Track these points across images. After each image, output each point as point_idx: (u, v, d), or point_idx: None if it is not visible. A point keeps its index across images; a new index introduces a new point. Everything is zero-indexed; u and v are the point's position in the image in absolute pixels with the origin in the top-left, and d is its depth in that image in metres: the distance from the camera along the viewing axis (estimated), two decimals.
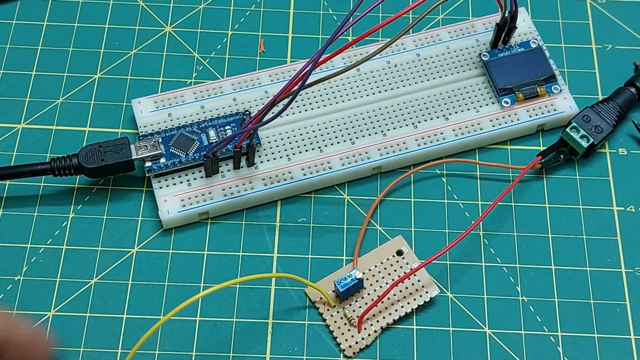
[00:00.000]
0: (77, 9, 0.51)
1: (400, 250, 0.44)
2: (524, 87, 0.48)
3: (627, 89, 0.48)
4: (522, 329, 0.43)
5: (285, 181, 0.45)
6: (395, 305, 0.43)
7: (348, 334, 0.42)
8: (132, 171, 0.45)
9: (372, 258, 0.44)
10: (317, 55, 0.37)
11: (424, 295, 0.43)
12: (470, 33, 0.50)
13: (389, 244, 0.44)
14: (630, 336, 0.43)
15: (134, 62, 0.50)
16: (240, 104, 0.47)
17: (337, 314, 0.42)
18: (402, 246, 0.44)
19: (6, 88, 0.49)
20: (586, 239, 0.45)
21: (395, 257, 0.44)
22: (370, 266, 0.44)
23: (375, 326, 0.42)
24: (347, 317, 0.42)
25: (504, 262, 0.45)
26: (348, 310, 0.42)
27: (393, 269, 0.44)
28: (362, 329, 0.42)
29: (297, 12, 0.52)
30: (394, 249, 0.44)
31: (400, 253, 0.44)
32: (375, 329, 0.42)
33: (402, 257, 0.44)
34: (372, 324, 0.42)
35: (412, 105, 0.48)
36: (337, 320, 0.42)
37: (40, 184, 0.46)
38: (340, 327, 0.42)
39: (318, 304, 0.43)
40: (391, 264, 0.44)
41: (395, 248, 0.44)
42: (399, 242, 0.44)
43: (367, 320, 0.42)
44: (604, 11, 0.52)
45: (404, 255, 0.44)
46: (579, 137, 0.46)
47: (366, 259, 0.44)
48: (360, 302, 0.43)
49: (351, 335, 0.42)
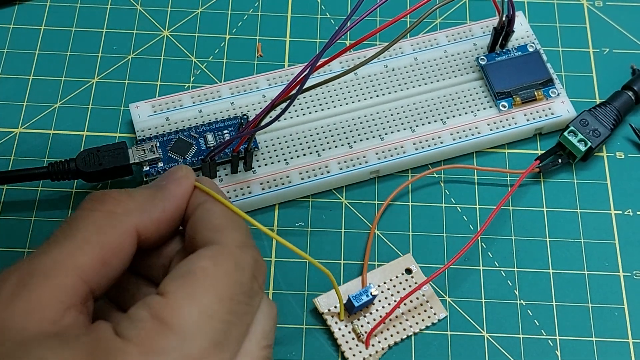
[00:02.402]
0: (74, 13, 0.51)
1: (409, 269, 0.44)
2: (521, 91, 0.48)
3: (624, 93, 0.48)
4: (520, 333, 0.43)
5: (283, 185, 0.45)
6: (403, 324, 0.42)
7: (356, 349, 0.42)
8: (130, 175, 0.45)
9: (381, 274, 0.44)
10: (315, 59, 0.37)
11: (432, 317, 0.43)
12: (467, 37, 0.50)
13: (397, 261, 0.44)
14: (628, 340, 0.43)
15: (131, 66, 0.50)
16: (238, 108, 0.47)
17: (345, 327, 0.42)
18: (412, 265, 0.44)
19: (4, 92, 0.49)
20: (584, 243, 0.45)
21: (404, 275, 0.44)
22: (378, 282, 0.43)
23: (382, 343, 0.42)
24: (356, 333, 0.42)
25: (502, 265, 0.45)
26: (357, 326, 0.42)
27: (402, 287, 0.43)
28: (370, 345, 0.42)
29: (294, 16, 0.52)
30: (403, 267, 0.44)
31: (410, 272, 0.44)
32: (383, 346, 0.42)
33: (411, 276, 0.44)
34: (379, 341, 0.42)
35: (409, 109, 0.48)
36: (345, 335, 0.42)
37: (38, 189, 0.46)
38: (349, 341, 0.42)
39: (326, 315, 0.42)
40: (400, 282, 0.44)
41: (404, 266, 0.44)
42: (408, 261, 0.44)
43: (374, 337, 0.42)
44: (601, 15, 0.52)
45: (412, 274, 0.44)
46: (577, 141, 0.46)
47: (375, 275, 0.44)
48: (368, 318, 0.42)
49: (359, 350, 0.42)
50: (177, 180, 0.33)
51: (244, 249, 0.32)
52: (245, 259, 0.31)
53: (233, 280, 0.30)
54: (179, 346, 0.28)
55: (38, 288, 0.29)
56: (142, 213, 0.32)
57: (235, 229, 0.32)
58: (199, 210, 0.33)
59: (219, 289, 0.30)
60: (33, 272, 0.29)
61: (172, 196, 0.33)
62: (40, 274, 0.29)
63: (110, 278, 0.31)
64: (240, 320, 0.30)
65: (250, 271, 0.31)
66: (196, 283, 0.29)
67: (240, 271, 0.31)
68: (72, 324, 0.29)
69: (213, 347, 0.29)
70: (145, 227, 0.32)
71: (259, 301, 0.32)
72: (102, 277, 0.30)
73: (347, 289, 0.43)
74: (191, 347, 0.28)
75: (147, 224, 0.32)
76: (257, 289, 0.32)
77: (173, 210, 0.33)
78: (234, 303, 0.30)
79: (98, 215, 0.31)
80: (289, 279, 0.44)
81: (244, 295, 0.31)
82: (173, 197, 0.33)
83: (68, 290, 0.29)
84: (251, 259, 0.32)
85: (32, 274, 0.29)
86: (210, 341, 0.29)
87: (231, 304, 0.30)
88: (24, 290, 0.29)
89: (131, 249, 0.32)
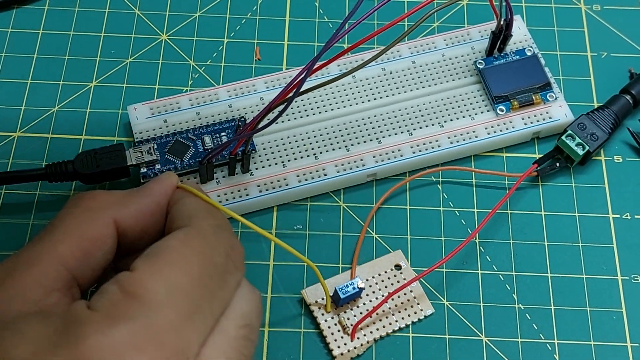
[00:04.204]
0: (72, 17, 0.51)
1: (399, 265, 0.44)
2: (519, 94, 0.48)
3: (622, 97, 0.48)
4: (519, 337, 0.43)
5: (280, 188, 0.45)
6: (389, 318, 0.42)
7: (341, 341, 0.42)
8: (128, 177, 0.45)
9: (370, 269, 0.44)
10: (312, 62, 0.37)
11: (418, 313, 0.43)
12: (465, 40, 0.50)
13: (387, 257, 0.44)
14: (627, 343, 0.43)
15: (129, 70, 0.50)
16: (235, 111, 0.47)
17: (331, 319, 0.42)
18: (401, 261, 0.44)
19: (2, 96, 0.49)
20: (582, 247, 0.45)
21: (393, 271, 0.44)
22: (367, 277, 0.44)
23: (368, 336, 0.42)
24: (342, 325, 0.42)
25: (500, 269, 0.44)
26: (343, 318, 0.42)
27: (390, 282, 0.44)
28: (355, 337, 0.42)
29: (292, 19, 0.52)
30: (393, 263, 0.44)
31: (399, 267, 0.44)
32: (368, 340, 0.42)
33: (400, 272, 0.44)
34: (365, 334, 0.42)
35: (407, 112, 0.48)
36: (330, 326, 0.42)
37: (36, 193, 0.45)
38: (334, 333, 0.42)
39: (313, 306, 0.43)
40: (388, 277, 0.44)
41: (394, 262, 0.44)
42: (398, 257, 0.44)
43: (360, 330, 0.42)
44: (599, 19, 0.53)
45: (402, 270, 0.44)
46: (575, 145, 0.46)
47: (364, 269, 0.44)
48: (355, 311, 0.42)
49: (344, 342, 0.42)
50: (158, 179, 0.35)
51: (216, 230, 0.33)
52: (217, 238, 0.32)
53: (203, 257, 0.31)
54: (144, 314, 0.28)
55: (21, 276, 0.30)
56: (120, 207, 0.33)
57: (209, 214, 0.34)
58: (177, 204, 0.34)
59: (186, 265, 0.31)
60: (17, 264, 0.31)
61: (150, 192, 0.34)
62: (24, 264, 0.31)
63: (94, 268, 0.32)
64: (212, 295, 0.31)
65: (223, 250, 0.32)
66: (163, 259, 0.30)
67: (210, 249, 0.32)
68: (54, 304, 0.30)
69: (183, 318, 0.29)
70: (124, 220, 0.33)
71: (237, 282, 0.33)
72: (85, 265, 0.32)
73: (336, 282, 0.43)
74: (158, 316, 0.29)
75: (125, 216, 0.33)
76: (233, 269, 0.32)
77: (152, 204, 0.34)
78: (205, 278, 0.31)
79: (77, 210, 0.33)
80: (287, 283, 0.44)
81: (216, 272, 0.31)
82: (151, 193, 0.34)
83: (50, 276, 0.31)
84: (224, 240, 0.33)
85: (16, 266, 0.31)
86: (178, 313, 0.29)
87: (201, 278, 0.31)
88: (8, 279, 0.30)
89: (111, 240, 0.33)
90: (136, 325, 0.28)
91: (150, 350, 0.28)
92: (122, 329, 0.28)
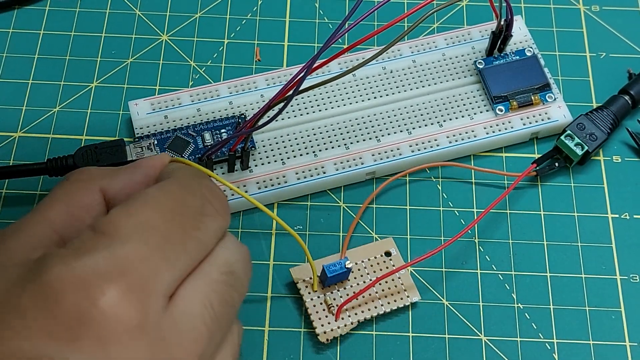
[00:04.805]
0: (73, 17, 0.52)
1: (389, 252, 0.44)
2: (518, 95, 0.48)
3: (621, 97, 0.48)
4: (518, 336, 0.43)
5: (280, 185, 0.45)
6: (375, 302, 0.43)
7: (325, 320, 0.42)
8: None
9: (360, 253, 0.44)
10: (312, 60, 0.37)
11: (404, 299, 0.43)
12: (466, 40, 0.50)
13: (378, 243, 0.44)
14: (626, 343, 0.43)
15: (130, 70, 0.50)
16: (236, 108, 0.47)
17: (317, 298, 0.42)
18: (392, 248, 0.44)
19: (3, 96, 0.49)
20: (581, 246, 0.45)
21: (382, 257, 0.44)
22: (356, 260, 0.44)
23: (352, 318, 0.42)
24: (327, 304, 0.42)
25: (499, 269, 0.44)
26: (329, 297, 0.42)
27: (379, 267, 0.44)
28: (339, 317, 0.42)
29: (292, 20, 0.52)
30: (383, 249, 0.44)
31: (389, 254, 0.44)
32: (352, 321, 0.42)
33: (390, 259, 0.44)
34: (349, 315, 0.42)
35: (407, 111, 0.48)
36: (316, 305, 0.42)
37: (37, 192, 0.46)
38: (319, 312, 0.42)
39: (300, 284, 0.43)
40: (378, 263, 0.44)
41: (384, 248, 0.44)
42: (389, 244, 0.45)
43: (345, 311, 0.42)
44: (598, 19, 0.53)
45: (391, 257, 0.44)
46: (574, 145, 0.46)
47: (354, 253, 0.44)
48: (341, 293, 0.43)
49: (328, 322, 0.42)
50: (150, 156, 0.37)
51: (195, 177, 0.34)
52: (194, 183, 0.33)
53: (177, 199, 0.32)
54: (110, 245, 0.29)
55: (10, 238, 0.31)
56: (106, 177, 0.34)
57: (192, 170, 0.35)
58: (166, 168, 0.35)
59: (158, 204, 0.31)
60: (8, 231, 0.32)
61: (139, 164, 0.35)
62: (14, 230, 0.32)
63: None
64: (186, 233, 0.31)
65: (201, 193, 0.33)
66: (137, 202, 0.31)
67: (186, 192, 0.32)
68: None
69: (152, 249, 0.30)
70: (112, 188, 0.34)
71: (219, 228, 0.33)
72: (75, 230, 0.32)
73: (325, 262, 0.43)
74: (123, 247, 0.29)
75: (113, 185, 0.34)
76: (212, 212, 0.32)
77: (140, 175, 0.35)
78: (177, 215, 0.31)
79: (66, 183, 0.34)
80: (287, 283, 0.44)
81: (192, 213, 0.32)
82: (140, 165, 0.35)
83: (38, 236, 0.31)
84: (202, 185, 0.33)
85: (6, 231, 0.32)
86: (146, 244, 0.30)
87: (172, 215, 0.31)
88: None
89: (99, 207, 0.34)
90: (100, 255, 0.29)
91: (115, 277, 0.28)
92: (87, 259, 0.28)
